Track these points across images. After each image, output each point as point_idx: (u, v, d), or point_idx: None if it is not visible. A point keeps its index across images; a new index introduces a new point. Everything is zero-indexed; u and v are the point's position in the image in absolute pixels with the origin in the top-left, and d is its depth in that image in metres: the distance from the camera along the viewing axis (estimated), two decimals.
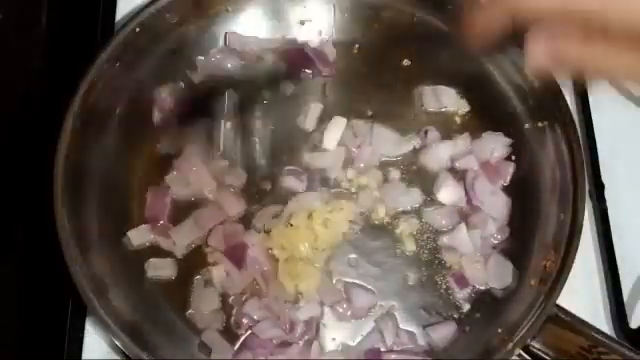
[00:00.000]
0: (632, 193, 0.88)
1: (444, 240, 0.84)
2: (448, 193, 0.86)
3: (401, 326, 0.81)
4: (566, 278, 0.76)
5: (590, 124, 0.90)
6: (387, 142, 0.89)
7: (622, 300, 0.82)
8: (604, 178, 0.87)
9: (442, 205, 0.86)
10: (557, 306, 0.76)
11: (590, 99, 0.91)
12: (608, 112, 0.91)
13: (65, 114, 0.81)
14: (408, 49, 0.92)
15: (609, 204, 0.86)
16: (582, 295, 0.83)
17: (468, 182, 0.86)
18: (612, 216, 0.86)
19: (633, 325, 0.81)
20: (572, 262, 0.77)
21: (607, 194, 0.87)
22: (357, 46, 0.93)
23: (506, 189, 0.86)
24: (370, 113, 0.90)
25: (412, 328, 0.81)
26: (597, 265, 0.85)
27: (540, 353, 0.75)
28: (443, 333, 0.81)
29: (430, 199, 0.87)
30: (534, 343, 0.75)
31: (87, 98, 0.82)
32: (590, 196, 0.86)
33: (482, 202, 0.85)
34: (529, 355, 0.76)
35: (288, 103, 0.91)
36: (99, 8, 0.94)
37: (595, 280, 0.85)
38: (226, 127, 0.88)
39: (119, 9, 0.93)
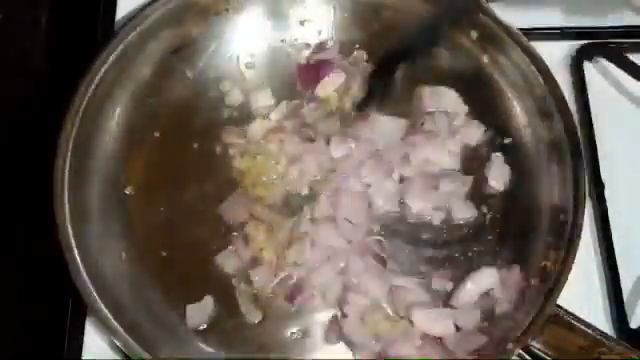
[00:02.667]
0: (632, 193, 0.88)
1: None
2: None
3: None
4: (566, 278, 0.77)
5: (590, 124, 0.90)
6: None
7: (622, 300, 0.82)
8: (604, 178, 0.87)
9: None
10: (557, 306, 0.76)
11: (590, 99, 0.91)
12: (608, 112, 0.92)
13: (65, 114, 0.81)
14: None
15: (609, 204, 0.86)
16: (582, 295, 0.83)
17: None
18: (612, 216, 0.86)
19: (633, 325, 0.81)
20: (572, 262, 0.77)
21: (607, 194, 0.87)
22: (357, 46, 0.93)
23: (507, 190, 0.86)
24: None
25: None
26: (597, 265, 0.85)
27: (540, 353, 0.75)
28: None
29: None
30: (534, 343, 0.75)
31: (87, 98, 0.82)
32: (590, 196, 0.86)
33: None
34: (529, 355, 0.76)
35: None
36: (99, 8, 0.94)
37: (595, 280, 0.85)
38: None
39: (119, 9, 0.93)
